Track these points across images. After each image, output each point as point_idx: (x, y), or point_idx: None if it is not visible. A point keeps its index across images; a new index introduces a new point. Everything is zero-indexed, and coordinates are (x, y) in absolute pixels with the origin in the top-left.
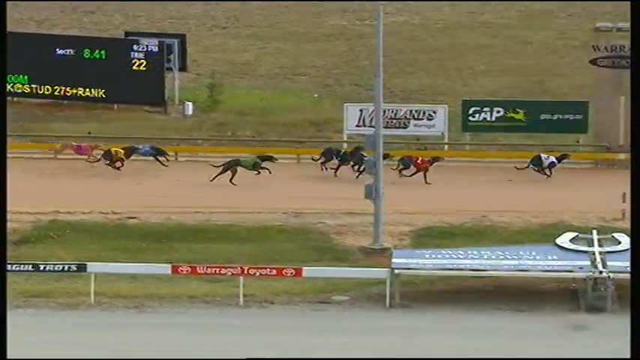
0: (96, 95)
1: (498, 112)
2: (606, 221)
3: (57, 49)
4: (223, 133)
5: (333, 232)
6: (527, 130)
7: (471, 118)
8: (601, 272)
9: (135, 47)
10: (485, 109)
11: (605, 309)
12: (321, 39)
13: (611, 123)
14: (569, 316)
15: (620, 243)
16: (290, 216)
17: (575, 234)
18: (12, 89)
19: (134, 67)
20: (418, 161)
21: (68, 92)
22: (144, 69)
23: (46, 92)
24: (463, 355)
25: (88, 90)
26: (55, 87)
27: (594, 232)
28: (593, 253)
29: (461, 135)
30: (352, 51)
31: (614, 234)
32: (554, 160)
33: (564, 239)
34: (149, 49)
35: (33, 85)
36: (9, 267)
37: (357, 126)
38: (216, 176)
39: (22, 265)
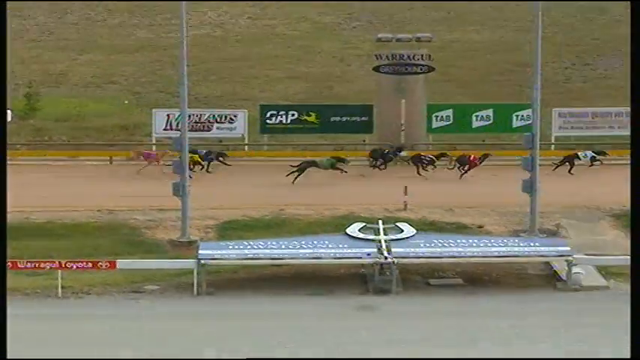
0: None
1: (293, 115)
2: (390, 212)
3: None
4: (40, 138)
5: (144, 227)
6: (319, 131)
7: (268, 121)
8: (386, 258)
9: None
10: (280, 113)
11: (391, 291)
12: (130, 50)
13: (393, 124)
14: (359, 299)
15: (402, 231)
16: (104, 213)
17: (363, 224)
18: None
19: None
20: (471, 159)
21: None
22: None
23: None
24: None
25: None
26: None
27: (380, 222)
28: (380, 241)
29: (259, 136)
30: (159, 61)
31: (397, 223)
32: (593, 154)
33: (354, 229)
34: None
35: None
36: None
37: (164, 130)
38: (291, 173)
39: None
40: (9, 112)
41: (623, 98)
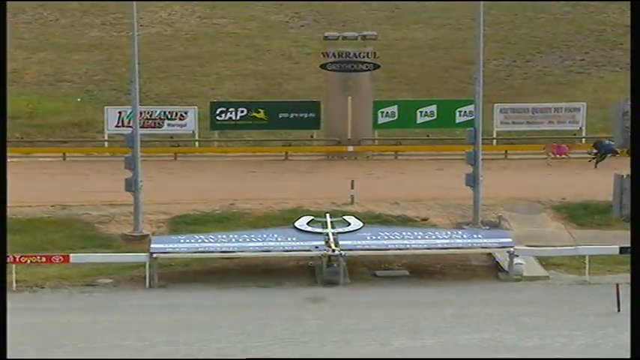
0: None
1: (242, 112)
2: (338, 206)
3: None
4: None
5: (97, 221)
6: (267, 127)
7: (218, 117)
8: (334, 250)
9: None
10: (230, 110)
11: (339, 282)
12: (83, 49)
13: (340, 120)
14: (308, 290)
15: (350, 224)
16: (57, 208)
17: (312, 217)
18: None
19: None
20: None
21: None
22: None
23: None
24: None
25: None
26: None
27: (327, 215)
28: (327, 234)
29: (210, 133)
30: (110, 60)
31: (344, 216)
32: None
33: (302, 222)
34: None
35: None
36: None
37: (116, 126)
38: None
39: None
40: None
41: (562, 94)
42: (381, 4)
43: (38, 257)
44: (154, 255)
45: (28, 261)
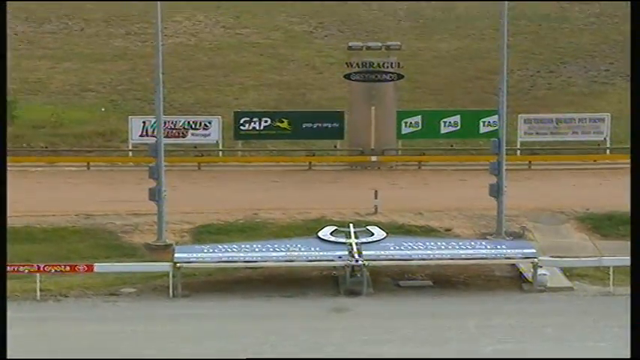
0: None
1: (266, 121)
2: (361, 216)
3: None
4: (19, 145)
5: (121, 231)
6: (291, 137)
7: (242, 127)
8: (357, 261)
9: None
10: (254, 120)
11: (362, 293)
12: (107, 59)
13: (364, 130)
14: (332, 300)
15: (373, 234)
16: (81, 218)
17: (335, 227)
18: None
19: None
20: None
21: None
22: None
23: None
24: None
25: None
26: None
27: (351, 225)
28: (351, 244)
29: (233, 142)
30: (135, 69)
31: (368, 227)
32: None
33: (325, 232)
34: None
35: None
36: None
37: (140, 136)
38: None
39: None
40: None
41: (586, 105)
42: (405, 14)
43: (62, 266)
44: (178, 264)
45: (53, 270)
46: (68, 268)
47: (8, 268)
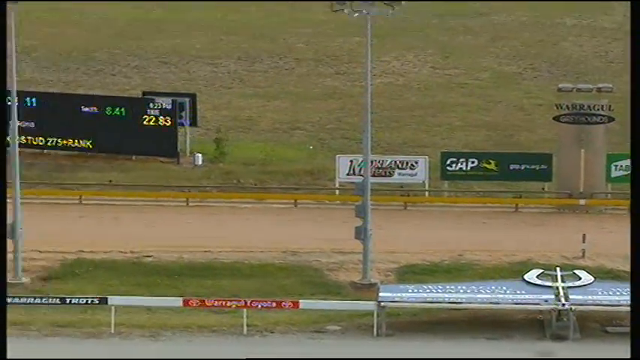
0: (116, 148)
1: (473, 162)
2: (568, 259)
3: (82, 107)
4: (229, 181)
5: (326, 268)
6: (498, 178)
7: (448, 167)
8: (564, 305)
9: (151, 105)
10: (461, 160)
11: (568, 337)
12: (316, 97)
13: (573, 172)
14: (537, 344)
15: (580, 279)
16: (288, 254)
17: (541, 270)
18: (43, 143)
19: (151, 123)
20: None
21: (91, 145)
22: (159, 124)
23: (73, 145)
24: None
25: (109, 143)
26: (80, 140)
27: (558, 269)
28: (557, 288)
29: (440, 183)
30: (343, 108)
31: (575, 271)
32: None
33: (531, 275)
34: (164, 107)
35: (60, 138)
36: (39, 300)
37: (347, 175)
38: None
39: (51, 299)
40: (199, 155)
41: None
42: (615, 56)
43: (269, 302)
44: (382, 304)
45: (259, 306)
46: (274, 304)
47: (216, 303)
